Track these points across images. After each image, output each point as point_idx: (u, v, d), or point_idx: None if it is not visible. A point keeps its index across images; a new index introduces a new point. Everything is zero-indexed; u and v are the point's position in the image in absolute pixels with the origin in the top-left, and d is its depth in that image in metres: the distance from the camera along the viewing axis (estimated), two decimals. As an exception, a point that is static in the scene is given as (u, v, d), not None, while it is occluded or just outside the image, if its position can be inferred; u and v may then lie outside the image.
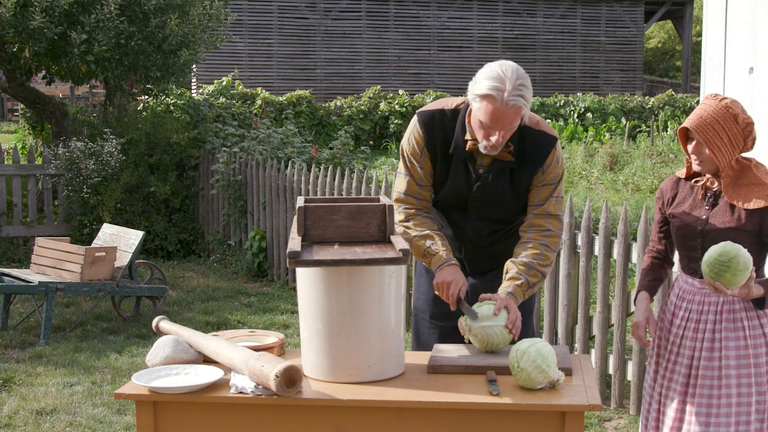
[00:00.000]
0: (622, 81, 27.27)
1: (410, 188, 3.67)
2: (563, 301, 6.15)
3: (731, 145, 3.38)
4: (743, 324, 3.41)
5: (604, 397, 5.91)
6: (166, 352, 3.22)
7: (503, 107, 3.32)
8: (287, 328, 7.82)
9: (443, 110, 3.63)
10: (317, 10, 24.29)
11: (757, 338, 3.41)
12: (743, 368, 3.38)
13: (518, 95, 3.32)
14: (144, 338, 7.47)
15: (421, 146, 3.63)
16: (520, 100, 3.33)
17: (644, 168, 15.31)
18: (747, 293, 3.28)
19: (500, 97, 3.30)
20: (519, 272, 3.49)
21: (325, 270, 3.03)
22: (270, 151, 10.59)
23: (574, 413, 2.87)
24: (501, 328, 3.28)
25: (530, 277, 3.50)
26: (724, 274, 3.20)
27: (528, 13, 26.18)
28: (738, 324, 3.42)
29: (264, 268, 10.03)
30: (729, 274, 3.19)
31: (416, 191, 3.66)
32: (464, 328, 3.32)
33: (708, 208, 3.48)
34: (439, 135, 3.60)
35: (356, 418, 2.96)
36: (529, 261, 3.52)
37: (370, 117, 19.88)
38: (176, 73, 11.38)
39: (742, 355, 3.38)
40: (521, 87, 3.33)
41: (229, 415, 3.00)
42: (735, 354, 3.39)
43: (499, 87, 3.30)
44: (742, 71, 4.81)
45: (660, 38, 41.59)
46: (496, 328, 3.27)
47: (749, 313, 3.43)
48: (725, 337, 3.41)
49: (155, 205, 11.30)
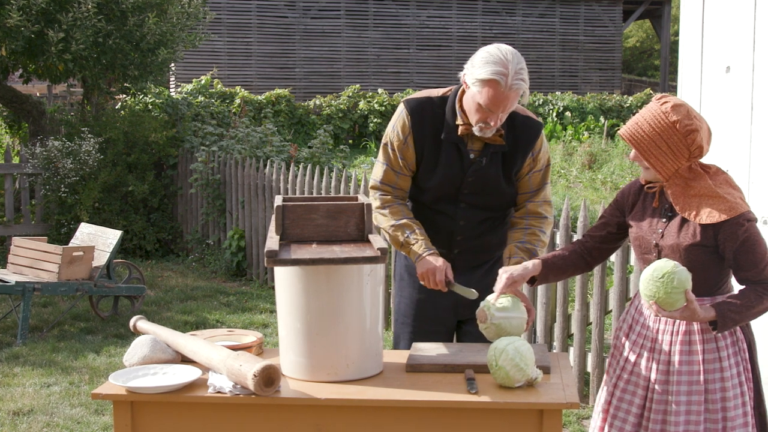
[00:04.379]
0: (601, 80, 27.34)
1: (387, 176, 3.67)
2: (542, 299, 6.17)
3: (673, 154, 3.14)
4: (698, 348, 3.19)
5: (582, 395, 5.93)
6: (144, 352, 3.21)
7: (506, 91, 3.35)
8: (266, 328, 7.81)
9: (431, 98, 3.65)
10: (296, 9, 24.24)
11: (713, 362, 3.19)
12: (694, 395, 3.18)
13: (520, 79, 3.36)
14: (122, 338, 7.44)
15: (406, 134, 3.62)
16: (522, 83, 3.37)
17: (622, 167, 15.36)
18: (691, 316, 3.06)
19: (504, 82, 3.33)
20: (523, 257, 3.53)
21: (303, 269, 3.02)
22: (249, 150, 10.57)
23: (552, 411, 2.88)
24: (521, 321, 3.26)
25: None
26: (658, 293, 3.01)
27: (507, 12, 26.21)
28: (694, 347, 3.20)
29: (243, 267, 10.01)
30: (662, 293, 3.00)
31: (393, 180, 3.66)
32: (486, 315, 3.24)
33: (665, 220, 3.26)
34: (429, 121, 3.61)
35: (335, 417, 2.95)
36: (531, 247, 3.57)
37: (350, 116, 19.85)
38: (154, 72, 11.35)
39: (693, 381, 3.18)
40: (521, 70, 3.38)
41: (207, 414, 2.99)
42: (687, 380, 3.19)
43: (503, 72, 3.33)
44: (719, 70, 4.83)
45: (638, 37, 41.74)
46: (517, 320, 3.25)
47: (706, 335, 3.19)
48: (679, 361, 3.20)
49: (133, 204, 11.26)
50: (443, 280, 3.47)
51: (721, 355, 3.20)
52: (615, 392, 3.38)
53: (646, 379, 3.29)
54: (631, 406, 3.31)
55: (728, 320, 3.10)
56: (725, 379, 3.18)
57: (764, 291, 3.12)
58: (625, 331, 3.43)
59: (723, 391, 3.18)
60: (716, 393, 3.18)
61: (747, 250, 3.11)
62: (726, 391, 3.18)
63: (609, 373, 3.47)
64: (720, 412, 3.18)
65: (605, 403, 3.41)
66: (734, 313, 3.09)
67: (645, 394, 3.29)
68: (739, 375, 3.21)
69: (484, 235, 3.74)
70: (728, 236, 3.10)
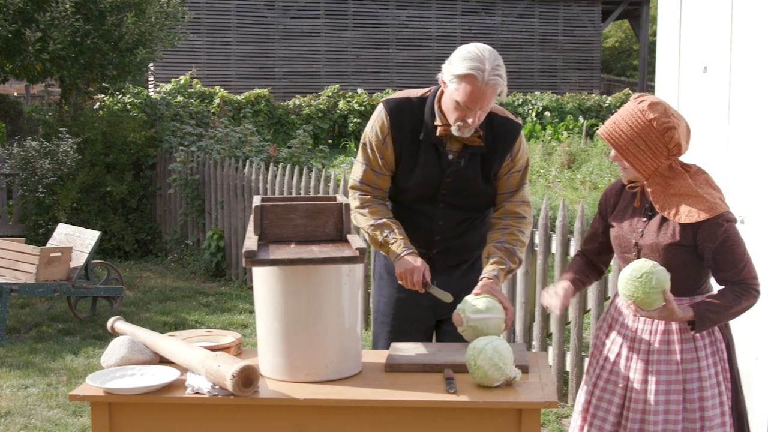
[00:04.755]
0: (580, 80, 27.43)
1: (366, 176, 3.66)
2: (521, 299, 6.18)
3: (652, 152, 3.14)
4: (677, 347, 3.20)
5: (561, 394, 5.95)
6: (122, 353, 3.20)
7: (483, 87, 3.35)
8: (245, 328, 7.79)
9: (410, 98, 3.64)
10: (276, 9, 24.20)
11: (691, 362, 3.20)
12: (672, 394, 3.19)
13: (497, 75, 3.36)
14: (100, 339, 7.40)
15: (385, 134, 3.61)
16: (499, 79, 3.37)
17: (601, 166, 15.43)
18: (669, 316, 3.07)
19: (481, 77, 3.33)
20: (502, 257, 3.51)
21: (281, 269, 3.02)
22: (228, 150, 10.55)
23: (531, 410, 2.88)
24: (499, 321, 3.26)
25: (511, 263, 3.53)
26: (636, 293, 3.02)
27: (486, 12, 26.26)
28: (672, 347, 3.20)
29: (222, 267, 9.98)
30: (641, 292, 3.01)
31: (372, 180, 3.65)
32: (462, 319, 3.25)
33: (645, 219, 3.26)
34: (408, 122, 3.60)
35: (314, 417, 2.95)
36: (510, 247, 3.55)
37: (329, 116, 19.84)
38: (133, 72, 11.31)
39: (672, 380, 3.19)
40: (498, 66, 3.38)
41: (186, 415, 2.98)
42: (665, 379, 3.20)
43: (480, 67, 3.34)
44: (697, 70, 4.85)
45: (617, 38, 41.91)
46: (494, 320, 3.25)
47: (684, 335, 3.20)
48: (658, 360, 3.21)
49: (112, 204, 11.22)
50: (420, 281, 3.46)
51: (699, 354, 3.21)
52: (595, 391, 3.39)
53: (625, 378, 3.29)
54: (610, 405, 3.32)
55: (706, 320, 3.11)
56: (703, 379, 3.19)
57: (742, 291, 3.13)
58: (605, 330, 3.44)
59: (701, 390, 3.19)
60: (694, 392, 3.20)
61: (726, 251, 3.12)
62: (704, 390, 3.19)
63: (589, 372, 3.47)
64: (698, 412, 3.19)
65: (585, 402, 3.42)
66: (712, 314, 3.10)
67: (624, 393, 3.29)
68: (717, 375, 3.22)
69: (463, 235, 3.74)
70: (707, 236, 3.11)
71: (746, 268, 3.15)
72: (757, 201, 4.47)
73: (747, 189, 4.53)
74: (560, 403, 5.89)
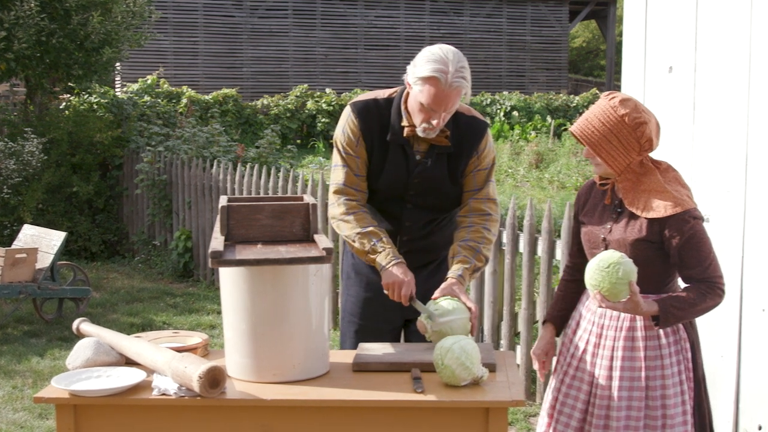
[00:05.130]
0: (548, 80, 27.57)
1: (348, 179, 3.63)
2: (489, 298, 6.19)
3: (624, 148, 3.16)
4: (641, 344, 3.21)
5: (529, 392, 5.97)
6: (87, 355, 3.17)
7: (447, 89, 3.35)
8: (213, 329, 7.76)
9: (377, 99, 3.64)
10: (243, 8, 24.13)
11: (654, 359, 3.21)
12: (635, 390, 3.20)
13: (460, 77, 3.36)
14: (67, 341, 7.35)
15: (356, 135, 3.60)
16: (463, 81, 3.37)
17: (569, 166, 15.50)
18: (634, 308, 3.08)
19: (444, 79, 3.33)
20: (467, 256, 3.51)
21: (248, 270, 3.01)
22: (195, 150, 10.50)
23: (498, 409, 2.89)
24: (464, 321, 3.27)
25: (477, 261, 3.53)
26: (602, 283, 3.03)
27: (455, 12, 26.32)
28: (636, 343, 3.22)
29: (190, 268, 9.94)
30: (607, 283, 3.02)
31: (354, 182, 3.63)
32: (426, 327, 3.28)
33: (614, 216, 3.28)
34: (376, 123, 3.60)
35: (281, 418, 2.94)
36: (475, 245, 3.54)
37: (297, 116, 19.81)
38: (99, 72, 11.22)
39: (635, 377, 3.21)
40: (462, 68, 3.38)
41: (152, 417, 2.96)
42: (629, 375, 3.21)
43: (443, 69, 3.33)
44: (662, 70, 4.89)
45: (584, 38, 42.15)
46: (459, 321, 3.26)
47: (649, 332, 3.21)
48: (622, 356, 3.22)
49: (78, 205, 11.13)
50: (408, 295, 3.45)
51: (663, 352, 3.22)
52: (561, 388, 3.40)
53: (590, 375, 3.31)
54: (576, 401, 3.34)
55: (670, 316, 3.12)
56: (666, 377, 3.21)
57: (707, 289, 3.15)
58: (572, 328, 3.45)
59: (663, 388, 3.21)
60: (657, 390, 3.21)
61: (692, 247, 3.14)
62: (666, 388, 3.21)
63: (557, 370, 3.48)
64: (660, 409, 3.21)
65: (552, 399, 3.43)
66: (677, 310, 3.12)
67: (590, 390, 3.31)
68: (680, 374, 3.24)
69: (430, 235, 3.74)
70: (674, 232, 3.13)
71: (712, 266, 3.17)
72: (722, 200, 4.51)
73: (712, 188, 4.57)
74: (528, 401, 5.92)
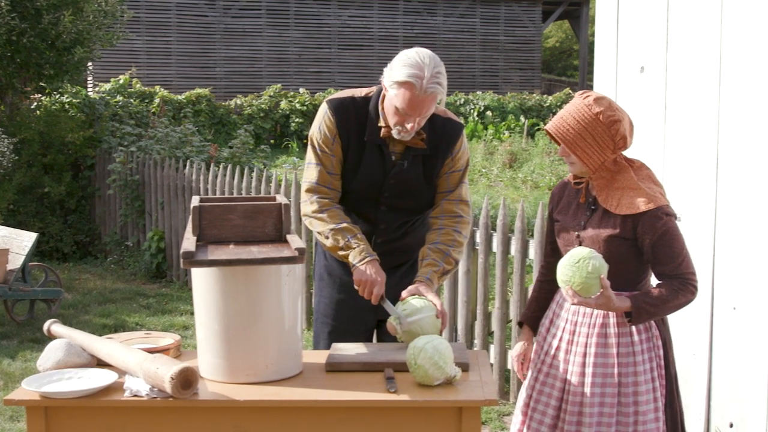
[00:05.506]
0: (521, 80, 27.64)
1: (321, 177, 3.61)
2: (463, 297, 6.21)
3: (598, 146, 3.18)
4: (613, 341, 3.23)
5: (503, 391, 5.99)
6: (58, 356, 3.15)
7: (421, 95, 3.33)
8: (187, 329, 7.73)
9: (354, 97, 3.62)
10: (217, 8, 24.03)
11: (627, 356, 3.23)
12: (608, 387, 3.22)
13: (436, 82, 3.34)
14: (38, 342, 7.29)
15: (333, 133, 3.58)
16: (438, 87, 3.36)
17: (542, 165, 15.55)
18: (606, 303, 3.10)
19: (419, 84, 3.32)
20: (435, 259, 3.51)
21: (220, 270, 3.00)
22: (168, 150, 10.46)
23: (471, 408, 2.89)
24: (432, 318, 3.28)
25: (446, 264, 3.53)
26: (573, 278, 3.05)
27: (428, 12, 26.34)
28: (609, 340, 3.23)
29: (163, 268, 9.90)
30: (578, 278, 3.04)
31: (327, 180, 3.61)
32: (395, 327, 3.29)
33: (588, 213, 3.30)
34: (353, 121, 3.58)
35: (254, 419, 2.93)
36: (444, 248, 3.54)
37: (271, 116, 19.75)
38: (70, 71, 11.15)
39: (608, 374, 3.23)
40: (438, 74, 3.36)
41: (124, 418, 2.94)
42: (601, 372, 3.23)
43: (418, 74, 3.32)
44: (634, 70, 4.92)
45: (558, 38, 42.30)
46: (428, 319, 3.27)
47: (621, 329, 3.24)
48: (595, 353, 3.23)
49: (50, 206, 11.06)
50: (378, 295, 3.45)
51: (635, 349, 3.24)
52: (535, 385, 3.41)
53: (564, 372, 3.32)
54: (550, 398, 3.35)
55: (643, 312, 3.14)
56: (638, 374, 3.23)
57: (680, 286, 3.17)
58: (546, 326, 3.47)
59: (635, 385, 3.23)
60: (629, 386, 3.23)
61: (665, 244, 3.16)
62: (638, 385, 3.23)
63: (530, 368, 3.50)
64: (632, 406, 3.22)
65: (526, 397, 3.44)
66: (650, 306, 3.14)
67: (563, 387, 3.32)
68: (651, 371, 3.26)
69: (404, 236, 3.75)
70: (647, 228, 3.15)
71: (684, 263, 3.19)
72: (693, 199, 4.54)
73: (683, 187, 4.60)
74: (502, 400, 5.93)
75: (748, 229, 4.33)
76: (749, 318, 4.35)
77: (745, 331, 4.38)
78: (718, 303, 4.49)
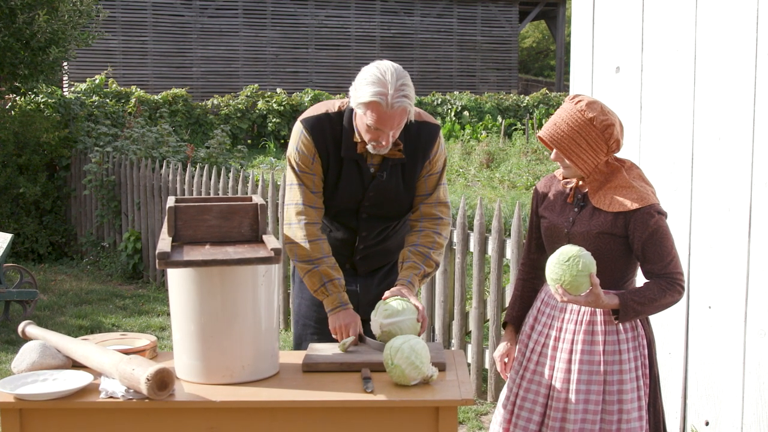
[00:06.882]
0: (498, 80, 27.74)
1: (306, 197, 3.56)
2: (440, 297, 6.21)
3: (592, 150, 3.21)
4: (600, 338, 3.24)
5: (480, 391, 6.00)
6: (33, 358, 3.13)
7: (389, 111, 3.30)
8: (163, 330, 7.69)
9: (328, 113, 3.57)
10: (193, 8, 23.98)
11: (613, 354, 3.25)
12: (593, 384, 3.24)
13: (402, 96, 3.31)
14: (13, 344, 7.24)
15: (312, 152, 3.54)
16: (405, 100, 3.32)
17: (519, 165, 15.61)
18: (595, 301, 3.12)
19: (385, 102, 3.28)
20: (416, 262, 3.52)
21: (196, 271, 2.98)
22: (144, 150, 10.41)
23: (448, 408, 2.90)
24: (412, 322, 3.29)
25: (426, 266, 3.54)
26: (563, 276, 3.07)
27: (405, 12, 26.38)
28: (596, 337, 3.23)
29: (139, 269, 9.85)
30: (568, 276, 3.05)
31: (312, 200, 3.57)
32: (375, 327, 3.31)
33: (576, 210, 3.31)
34: (329, 138, 3.54)
35: (230, 419, 2.93)
36: (424, 251, 3.55)
37: (248, 116, 19.72)
38: (45, 71, 11.07)
39: (594, 371, 3.24)
40: (403, 87, 3.32)
41: (100, 420, 2.93)
42: (587, 369, 3.24)
43: (382, 92, 3.28)
44: (609, 71, 4.94)
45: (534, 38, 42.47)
46: (408, 322, 3.27)
47: (608, 327, 3.25)
48: (581, 350, 3.25)
49: (25, 206, 10.99)
50: (356, 335, 3.45)
51: (621, 347, 3.25)
52: (522, 383, 3.41)
53: (551, 369, 3.33)
54: (537, 395, 3.35)
55: (630, 310, 3.16)
56: (623, 372, 3.25)
57: (668, 285, 3.18)
58: (530, 323, 3.47)
59: (620, 383, 3.24)
60: (614, 384, 3.24)
61: (655, 242, 3.18)
62: (623, 383, 3.24)
63: (514, 367, 3.50)
64: (616, 404, 3.24)
65: (513, 395, 3.44)
66: (637, 304, 3.15)
67: (549, 384, 3.33)
68: (636, 369, 3.28)
69: (385, 241, 3.76)
70: (638, 225, 3.17)
71: (673, 263, 3.21)
72: (669, 198, 4.56)
73: (659, 187, 4.62)
74: (479, 400, 5.94)
75: (723, 228, 4.36)
76: (724, 317, 4.38)
77: (721, 329, 4.40)
78: (694, 302, 4.52)
